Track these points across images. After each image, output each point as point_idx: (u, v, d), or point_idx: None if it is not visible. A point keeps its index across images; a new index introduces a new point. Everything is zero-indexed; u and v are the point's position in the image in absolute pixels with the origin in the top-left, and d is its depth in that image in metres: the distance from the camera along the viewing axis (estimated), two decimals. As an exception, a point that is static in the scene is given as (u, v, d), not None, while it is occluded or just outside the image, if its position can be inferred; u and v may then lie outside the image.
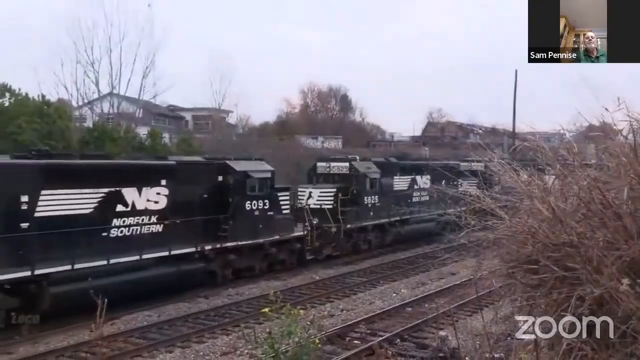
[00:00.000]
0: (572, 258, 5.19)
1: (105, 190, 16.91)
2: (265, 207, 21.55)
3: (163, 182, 18.42)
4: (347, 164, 27.17)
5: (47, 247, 15.38)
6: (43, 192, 15.51)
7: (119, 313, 15.96)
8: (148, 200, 17.97)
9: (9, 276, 14.65)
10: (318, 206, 25.07)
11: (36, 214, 15.34)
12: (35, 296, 15.28)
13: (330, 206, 25.27)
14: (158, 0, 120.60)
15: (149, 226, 17.98)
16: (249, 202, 20.98)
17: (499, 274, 6.24)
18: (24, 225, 15.11)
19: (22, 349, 14.10)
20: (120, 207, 17.25)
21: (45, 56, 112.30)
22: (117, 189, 17.19)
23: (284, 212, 22.98)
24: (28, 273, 14.92)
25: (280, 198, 22.76)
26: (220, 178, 20.60)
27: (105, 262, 16.42)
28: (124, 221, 17.32)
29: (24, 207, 15.16)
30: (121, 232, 17.29)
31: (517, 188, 6.29)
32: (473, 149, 25.09)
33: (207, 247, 19.53)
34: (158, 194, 18.24)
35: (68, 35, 59.51)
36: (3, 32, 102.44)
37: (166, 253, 18.12)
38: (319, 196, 25.59)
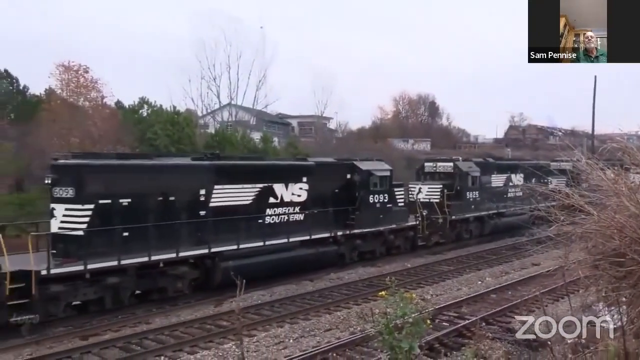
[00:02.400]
0: (659, 252, 5.08)
1: (261, 185, 19.23)
2: (385, 201, 23.37)
3: (304, 179, 20.60)
4: (451, 164, 28.49)
5: (218, 230, 17.71)
6: (216, 186, 17.92)
7: (235, 292, 16.89)
8: (293, 194, 20.20)
9: (192, 252, 17.04)
10: (427, 200, 26.50)
11: (210, 204, 17.77)
12: (210, 270, 17.55)
13: (438, 200, 26.62)
14: (269, 22, 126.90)
15: (293, 215, 20.21)
16: (372, 196, 22.87)
17: (585, 265, 6.19)
18: (202, 212, 17.59)
19: (158, 319, 15.43)
20: (272, 199, 19.56)
21: (175, 73, 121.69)
22: (270, 184, 19.49)
23: (399, 204, 24.69)
24: (206, 250, 17.23)
25: (397, 193, 24.47)
26: (348, 176, 22.61)
27: (261, 244, 18.68)
28: (274, 211, 19.62)
29: (202, 198, 17.63)
30: (273, 219, 19.58)
31: (604, 186, 6.18)
32: (555, 150, 25.43)
33: (339, 233, 21.57)
34: (300, 188, 20.46)
35: (194, 55, 64.41)
36: (142, 53, 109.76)
37: (307, 237, 20.25)
38: (428, 191, 27.09)
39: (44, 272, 13.83)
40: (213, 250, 17.34)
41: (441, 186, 27.13)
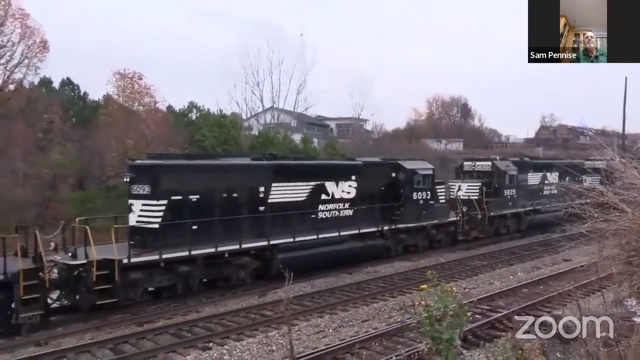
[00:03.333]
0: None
1: (314, 183, 20.10)
2: (427, 198, 24.07)
3: (353, 177, 21.42)
4: (489, 163, 28.95)
5: (276, 224, 18.64)
6: (273, 184, 18.85)
7: (279, 284, 16.08)
8: (343, 191, 21.03)
9: (253, 244, 17.96)
10: (466, 197, 27.05)
11: (269, 200, 18.71)
12: (269, 260, 18.43)
13: (477, 197, 27.13)
14: (308, 29, 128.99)
15: (343, 210, 21.01)
16: (415, 193, 23.59)
17: (618, 261, 6.25)
18: (261, 208, 18.53)
19: (207, 308, 15.94)
20: (324, 196, 20.41)
21: (221, 79, 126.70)
22: (322, 182, 20.35)
23: (441, 201, 25.34)
24: (265, 243, 18.14)
25: (438, 190, 25.11)
26: (394, 174, 23.39)
27: (315, 237, 19.53)
28: (326, 207, 20.48)
29: (261, 195, 18.57)
30: (325, 214, 20.43)
31: (638, 184, 6.23)
32: (587, 149, 25.27)
33: (385, 228, 22.32)
34: (350, 186, 21.29)
35: (239, 62, 66.27)
36: (192, 62, 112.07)
37: (356, 231, 21.06)
38: (467, 189, 27.65)
39: (125, 261, 14.90)
40: (271, 242, 18.22)
41: (480, 184, 27.64)
